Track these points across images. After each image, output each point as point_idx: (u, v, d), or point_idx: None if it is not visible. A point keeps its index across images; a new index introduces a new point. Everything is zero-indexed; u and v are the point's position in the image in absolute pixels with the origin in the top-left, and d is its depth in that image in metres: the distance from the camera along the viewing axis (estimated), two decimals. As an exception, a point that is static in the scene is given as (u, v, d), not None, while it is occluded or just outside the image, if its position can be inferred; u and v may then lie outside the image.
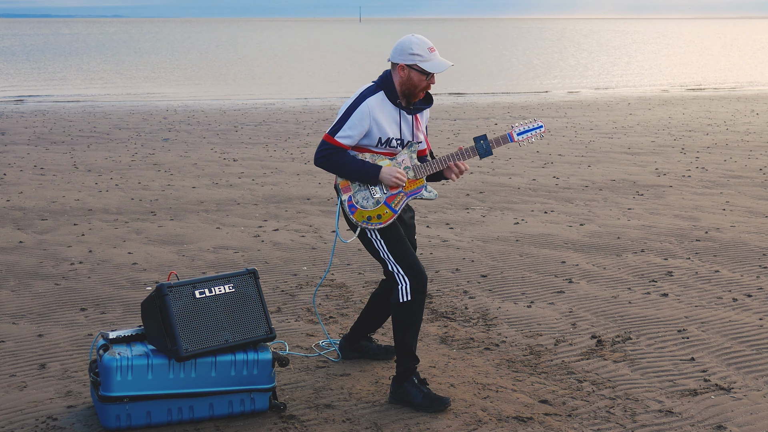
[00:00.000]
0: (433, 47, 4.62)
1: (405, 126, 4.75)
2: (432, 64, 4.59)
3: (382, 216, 4.72)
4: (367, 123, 4.62)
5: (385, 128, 4.68)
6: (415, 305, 4.69)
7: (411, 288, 4.67)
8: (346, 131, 4.62)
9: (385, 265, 4.76)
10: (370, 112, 4.62)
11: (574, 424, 4.52)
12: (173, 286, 4.52)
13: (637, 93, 27.69)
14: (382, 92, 4.69)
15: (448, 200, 10.46)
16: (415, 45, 4.59)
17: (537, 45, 75.66)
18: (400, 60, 4.62)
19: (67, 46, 72.13)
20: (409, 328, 4.71)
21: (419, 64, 4.59)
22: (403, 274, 4.68)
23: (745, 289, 6.86)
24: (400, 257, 4.71)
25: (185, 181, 11.78)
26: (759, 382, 5.06)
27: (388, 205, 4.73)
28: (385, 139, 4.70)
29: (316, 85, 31.82)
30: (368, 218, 4.72)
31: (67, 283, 7.08)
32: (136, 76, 36.12)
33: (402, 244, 4.74)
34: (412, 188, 4.79)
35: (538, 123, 4.99)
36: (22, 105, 23.40)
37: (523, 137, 4.91)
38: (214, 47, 71.52)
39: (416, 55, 4.57)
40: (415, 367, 4.77)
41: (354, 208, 4.72)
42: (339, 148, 4.64)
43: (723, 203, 10.24)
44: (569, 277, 7.23)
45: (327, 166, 4.68)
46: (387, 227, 4.74)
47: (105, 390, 4.36)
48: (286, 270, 7.47)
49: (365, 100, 4.64)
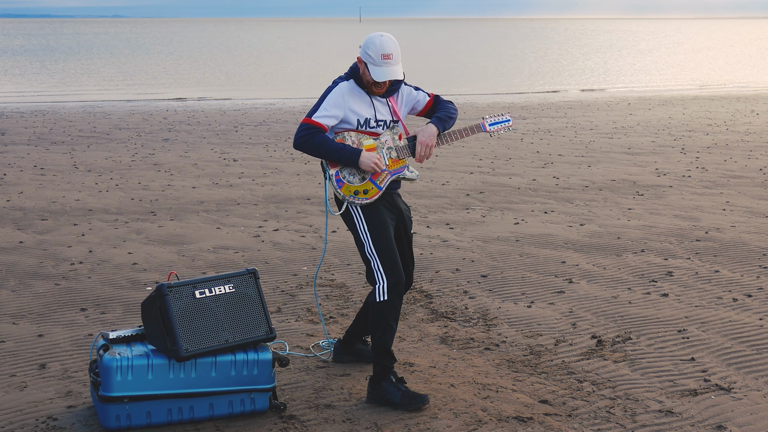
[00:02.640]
0: (389, 54, 4.66)
1: (380, 106, 4.86)
2: (375, 70, 4.69)
3: (368, 191, 4.80)
4: (342, 104, 4.75)
5: (360, 111, 4.80)
6: (391, 304, 4.72)
7: (388, 287, 4.71)
8: (322, 112, 4.74)
9: (367, 260, 4.79)
10: (343, 95, 4.76)
11: (574, 424, 4.52)
12: (173, 286, 4.52)
13: (653, 93, 27.69)
14: (353, 80, 4.83)
15: (448, 200, 10.46)
16: (372, 47, 4.68)
17: (545, 45, 75.68)
18: (361, 54, 4.76)
19: (80, 45, 72.15)
20: (386, 327, 4.75)
21: (368, 66, 4.71)
22: (382, 271, 4.72)
23: (745, 289, 6.86)
24: (382, 253, 4.75)
25: (185, 181, 11.78)
26: (759, 382, 5.06)
27: (373, 181, 4.81)
28: (363, 120, 4.81)
29: (317, 85, 31.81)
30: (355, 192, 4.79)
31: (67, 283, 7.08)
32: (137, 76, 36.13)
33: (386, 240, 4.78)
34: (395, 168, 4.88)
35: (506, 117, 5.21)
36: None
37: (494, 128, 5.14)
38: (215, 47, 71.50)
39: (369, 56, 4.69)
40: (392, 366, 4.79)
41: (341, 182, 4.80)
42: (318, 128, 4.72)
43: (723, 203, 10.24)
44: (569, 277, 7.23)
45: (306, 146, 4.73)
46: (374, 218, 4.79)
47: (105, 390, 4.36)
48: (286, 270, 7.47)
49: (338, 85, 4.81)
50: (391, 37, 4.74)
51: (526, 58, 51.85)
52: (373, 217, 4.80)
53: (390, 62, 4.68)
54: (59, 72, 38.82)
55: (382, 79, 4.67)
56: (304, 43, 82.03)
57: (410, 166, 4.94)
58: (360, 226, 4.82)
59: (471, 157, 13.73)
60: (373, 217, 4.80)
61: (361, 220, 4.81)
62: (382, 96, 4.86)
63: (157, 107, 22.77)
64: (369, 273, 4.80)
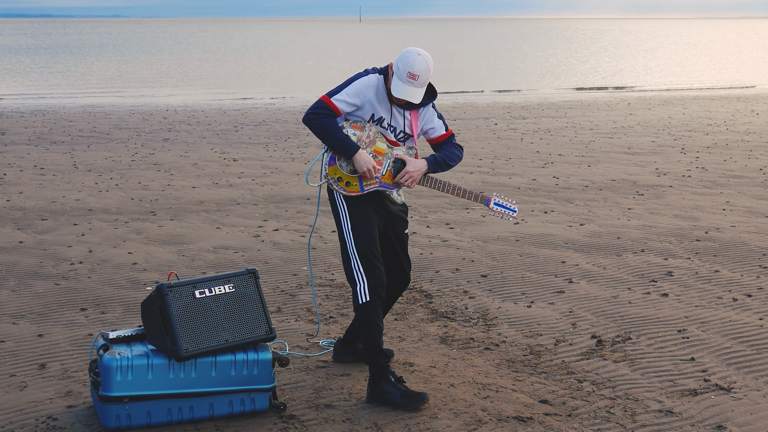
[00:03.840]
0: (415, 75, 4.62)
1: (396, 114, 4.84)
2: (396, 84, 4.66)
3: (350, 185, 4.79)
4: (364, 95, 4.73)
5: (379, 107, 4.79)
6: (374, 305, 4.71)
7: (369, 287, 4.70)
8: (343, 95, 4.72)
9: (347, 259, 4.76)
10: (368, 86, 4.74)
11: (574, 424, 4.52)
12: (173, 286, 4.52)
13: (656, 93, 27.69)
14: (382, 77, 4.81)
15: (448, 200, 10.46)
16: (404, 60, 4.66)
17: (552, 44, 75.69)
18: (394, 61, 4.74)
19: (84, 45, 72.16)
20: (374, 327, 4.74)
21: (394, 76, 4.69)
22: (362, 272, 4.71)
23: (745, 289, 6.86)
24: (362, 251, 4.73)
25: (185, 181, 11.78)
26: (759, 382, 5.06)
27: (361, 180, 4.80)
28: (377, 117, 4.80)
29: (317, 85, 31.81)
30: (338, 179, 4.78)
31: (67, 283, 7.08)
32: (137, 76, 36.13)
33: (369, 239, 4.76)
34: (387, 182, 4.86)
35: (515, 207, 5.16)
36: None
37: (497, 209, 5.08)
38: (214, 47, 71.51)
39: (398, 68, 4.67)
40: (388, 365, 4.78)
41: (333, 162, 4.80)
42: (331, 111, 4.71)
43: (723, 203, 10.24)
44: (569, 277, 7.23)
45: (313, 125, 4.72)
46: (359, 214, 4.78)
47: (105, 390, 4.36)
48: (286, 270, 7.47)
49: (368, 74, 4.79)
50: (428, 59, 4.69)
51: (536, 57, 51.86)
52: (357, 211, 4.79)
53: (413, 83, 4.64)
54: (59, 72, 38.81)
55: (398, 95, 4.65)
56: (304, 43, 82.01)
57: (400, 191, 4.93)
58: (343, 215, 4.80)
59: (471, 157, 13.73)
60: (357, 211, 4.79)
61: (345, 211, 4.80)
62: (402, 108, 4.83)
63: (157, 107, 22.76)
64: (348, 273, 4.78)
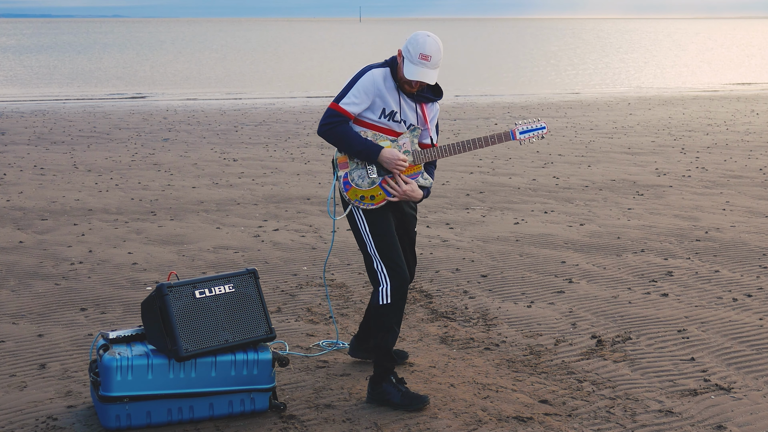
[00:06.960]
0: (428, 56, 4.54)
1: (407, 107, 4.74)
2: (409, 67, 4.57)
3: (375, 197, 4.71)
4: (372, 90, 4.63)
5: (389, 101, 4.69)
6: (395, 307, 4.68)
7: (391, 289, 4.65)
8: (351, 98, 4.64)
9: (370, 261, 4.72)
10: (374, 81, 4.64)
11: (574, 424, 4.52)
12: (173, 286, 4.52)
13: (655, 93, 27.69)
14: (389, 69, 4.71)
15: (448, 200, 10.46)
16: (414, 43, 4.58)
17: (552, 44, 75.68)
18: (403, 47, 4.65)
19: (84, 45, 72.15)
20: (389, 330, 4.71)
21: (405, 61, 4.60)
22: (386, 273, 4.66)
23: (745, 289, 6.86)
24: (385, 253, 4.67)
25: (185, 181, 11.78)
26: (759, 382, 5.06)
27: (383, 187, 4.72)
28: (389, 111, 4.69)
29: (317, 84, 31.83)
30: (361, 197, 4.70)
31: (67, 283, 7.08)
32: (137, 76, 36.14)
33: (390, 240, 4.70)
34: (408, 173, 4.76)
35: (541, 123, 5.00)
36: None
37: (524, 136, 4.92)
38: (214, 47, 71.51)
39: (409, 51, 4.58)
40: (393, 368, 4.77)
41: (349, 185, 4.72)
42: (344, 117, 4.63)
43: (723, 203, 10.24)
44: (569, 277, 7.23)
45: (329, 135, 4.65)
46: (377, 220, 4.72)
47: (105, 390, 4.37)
48: (286, 270, 7.47)
49: (370, 70, 4.68)
50: (438, 40, 4.62)
51: (536, 57, 51.86)
52: (375, 218, 4.73)
53: (426, 64, 4.55)
54: (60, 72, 38.82)
55: (412, 77, 4.55)
56: (304, 43, 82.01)
57: (425, 173, 4.81)
58: (362, 227, 4.74)
59: (471, 157, 13.72)
60: (375, 218, 4.73)
61: (363, 222, 4.74)
62: (413, 100, 4.75)
63: (157, 107, 22.76)
64: (371, 274, 4.73)
